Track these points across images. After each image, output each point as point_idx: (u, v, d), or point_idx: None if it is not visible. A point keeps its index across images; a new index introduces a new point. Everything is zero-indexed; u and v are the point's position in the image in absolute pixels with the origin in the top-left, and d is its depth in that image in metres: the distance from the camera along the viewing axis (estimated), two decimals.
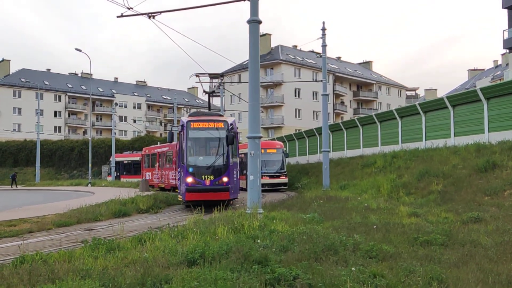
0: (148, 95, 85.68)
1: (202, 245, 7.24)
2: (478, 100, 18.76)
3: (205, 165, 16.68)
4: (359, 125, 28.08)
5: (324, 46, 23.03)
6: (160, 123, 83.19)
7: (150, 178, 32.82)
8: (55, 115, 74.84)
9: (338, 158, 29.10)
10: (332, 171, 24.47)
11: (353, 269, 5.81)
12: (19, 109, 70.98)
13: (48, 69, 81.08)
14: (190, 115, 18.32)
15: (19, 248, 7.35)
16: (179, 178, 17.82)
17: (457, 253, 6.91)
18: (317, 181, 25.74)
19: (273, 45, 63.65)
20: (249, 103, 12.18)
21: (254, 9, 12.00)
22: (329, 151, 24.03)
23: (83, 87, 77.75)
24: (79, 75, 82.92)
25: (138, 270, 6.00)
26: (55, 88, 74.56)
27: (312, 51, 64.98)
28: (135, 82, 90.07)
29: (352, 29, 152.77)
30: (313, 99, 60.62)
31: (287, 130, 52.04)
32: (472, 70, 74.10)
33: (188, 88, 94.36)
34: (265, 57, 57.41)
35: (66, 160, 59.78)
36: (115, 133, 51.42)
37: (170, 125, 58.26)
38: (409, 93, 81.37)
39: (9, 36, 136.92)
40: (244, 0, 12.13)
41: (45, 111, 71.13)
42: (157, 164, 31.66)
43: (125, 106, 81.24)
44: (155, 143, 44.54)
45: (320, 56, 24.70)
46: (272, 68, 59.19)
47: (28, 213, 15.64)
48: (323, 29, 22.77)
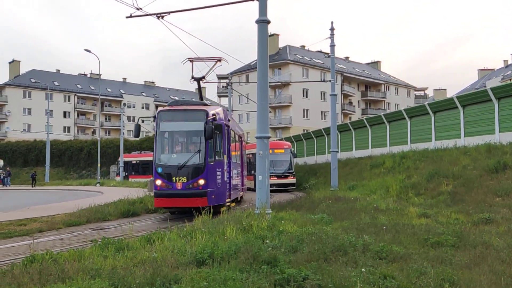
0: (157, 96, 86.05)
1: (211, 245, 7.23)
2: (489, 100, 18.56)
3: (177, 165, 13.71)
4: (368, 125, 27.93)
5: (333, 46, 22.95)
6: None
7: None
8: (64, 116, 75.47)
9: (347, 159, 28.98)
10: (341, 172, 24.37)
11: (363, 270, 5.77)
12: (29, 110, 71.69)
13: (58, 70, 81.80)
14: (168, 105, 15.21)
15: (29, 247, 7.39)
16: None
17: (469, 255, 6.83)
18: (325, 182, 25.64)
19: (281, 45, 63.64)
20: (258, 103, 12.16)
21: (263, 9, 11.97)
22: (338, 152, 23.93)
23: (92, 88, 78.31)
24: (88, 76, 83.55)
25: (147, 270, 6.00)
26: (65, 89, 75.20)
27: (320, 51, 64.82)
28: (144, 83, 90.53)
29: (361, 29, 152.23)
30: (321, 99, 60.47)
31: (295, 130, 51.96)
32: (482, 70, 73.50)
33: (196, 89, 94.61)
34: (273, 57, 57.40)
35: (75, 160, 60.23)
36: (124, 133, 51.70)
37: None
38: (418, 93, 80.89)
39: (20, 38, 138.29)
40: (253, 0, 12.11)
41: (55, 112, 71.77)
42: None
43: (134, 107, 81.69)
44: None
45: (329, 56, 24.63)
46: (280, 68, 59.14)
47: (38, 213, 15.76)
48: (332, 29, 22.69)
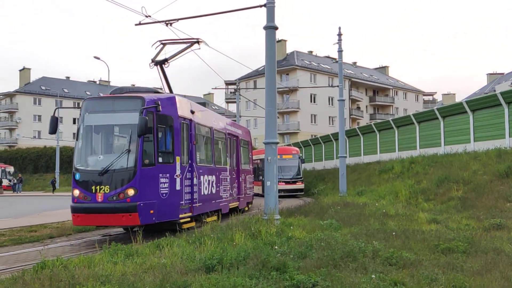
0: None
1: (220, 251, 7.24)
2: (498, 105, 18.41)
3: (97, 170, 10.33)
4: (376, 131, 27.82)
5: (340, 52, 22.93)
6: None
7: None
8: (74, 122, 76.05)
9: (355, 164, 28.85)
10: (349, 177, 24.27)
11: (373, 277, 5.74)
12: (39, 117, 72.38)
13: (67, 77, 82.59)
14: (110, 93, 12.01)
15: (40, 254, 7.45)
16: None
17: (480, 261, 6.76)
18: (334, 187, 25.54)
19: (289, 51, 63.76)
20: (266, 109, 12.18)
21: (270, 15, 12.03)
22: (346, 157, 23.83)
23: (101, 94, 78.92)
24: (97, 83, 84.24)
25: (157, 276, 6.02)
26: (74, 96, 75.85)
27: (328, 57, 64.81)
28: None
29: (369, 34, 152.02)
30: (329, 105, 60.38)
31: (303, 136, 51.91)
32: (491, 74, 72.92)
33: (204, 94, 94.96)
34: (281, 63, 57.50)
35: None
36: None
37: None
38: (427, 98, 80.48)
39: (30, 45, 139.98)
40: (261, 7, 12.17)
41: (64, 118, 72.40)
42: None
43: None
44: None
45: (336, 62, 24.62)
46: (288, 74, 59.21)
47: (48, 219, 15.87)
48: (339, 35, 22.69)
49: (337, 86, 23.74)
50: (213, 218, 13.52)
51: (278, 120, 55.27)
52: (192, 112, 12.40)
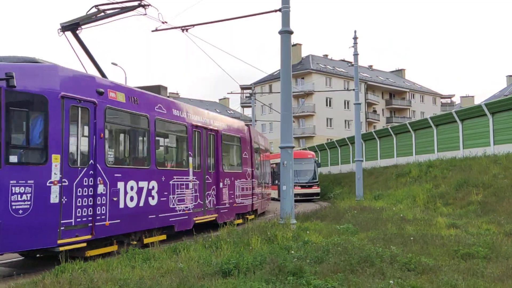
0: None
1: (236, 256, 7.24)
2: None
3: None
4: (393, 134, 27.57)
5: (356, 55, 22.86)
6: None
7: None
8: None
9: (371, 168, 28.62)
10: (366, 181, 24.07)
11: (391, 282, 5.67)
12: None
13: None
14: None
15: (60, 257, 7.55)
16: None
17: (501, 267, 6.63)
18: (350, 191, 25.36)
19: (304, 55, 63.70)
20: (281, 113, 12.18)
21: (286, 20, 12.05)
22: (362, 161, 23.66)
23: None
24: None
25: (174, 280, 6.06)
26: None
27: (343, 60, 64.54)
28: (168, 94, 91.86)
29: (384, 37, 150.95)
30: (345, 108, 60.07)
31: (319, 140, 51.72)
32: (511, 76, 71.61)
33: (220, 99, 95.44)
34: (296, 67, 57.48)
35: None
36: None
37: None
38: (444, 101, 79.47)
39: (48, 52, 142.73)
40: (276, 11, 12.21)
41: None
42: None
43: None
44: None
45: (352, 65, 24.54)
46: (303, 78, 59.15)
47: None
48: (355, 38, 22.63)
49: (353, 90, 23.63)
50: (158, 239, 10.38)
51: (294, 124, 55.20)
52: (100, 93, 8.86)
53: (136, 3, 10.50)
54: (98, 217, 8.57)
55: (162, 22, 12.48)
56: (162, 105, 11.05)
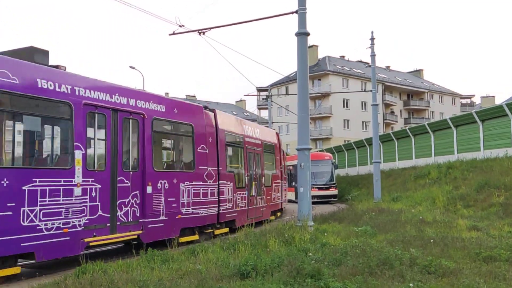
0: None
1: (254, 258, 7.26)
2: None
3: None
4: (411, 135, 27.26)
5: (373, 56, 22.69)
6: None
7: None
8: None
9: (390, 169, 28.34)
10: (384, 183, 23.84)
11: (411, 285, 5.62)
12: None
13: None
14: None
15: (80, 258, 7.68)
16: None
17: None
18: (368, 193, 25.15)
19: (321, 56, 63.48)
20: (298, 115, 12.17)
21: (302, 22, 12.05)
22: (380, 162, 23.45)
23: None
24: None
25: (192, 282, 6.11)
26: None
27: (360, 61, 64.06)
28: (185, 96, 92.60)
29: (402, 37, 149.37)
30: (362, 109, 59.63)
31: (336, 141, 51.42)
32: None
33: (236, 101, 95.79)
34: (313, 68, 57.32)
35: None
36: None
37: None
38: (464, 101, 78.15)
39: (66, 56, 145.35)
40: (292, 13, 12.22)
41: None
42: None
43: None
44: None
45: (369, 66, 24.35)
46: (320, 79, 58.96)
47: None
48: (372, 39, 22.47)
49: (370, 91, 23.46)
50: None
51: (311, 126, 54.97)
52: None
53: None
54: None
55: (179, 26, 12.62)
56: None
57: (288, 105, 51.46)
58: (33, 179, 7.64)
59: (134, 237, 9.76)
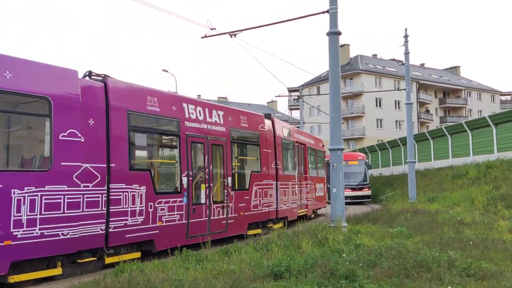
0: None
1: (287, 259, 7.26)
2: None
3: None
4: (447, 134, 26.52)
5: (407, 54, 22.25)
6: None
7: None
8: None
9: (425, 169, 27.68)
10: (419, 183, 23.31)
11: None
12: None
13: None
14: None
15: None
16: None
17: None
18: (403, 193, 24.65)
19: (352, 55, 62.70)
20: (330, 115, 12.08)
21: (334, 21, 11.95)
22: (415, 162, 22.94)
23: None
24: None
25: (226, 282, 6.17)
26: None
27: (393, 59, 62.94)
28: (217, 98, 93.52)
29: (437, 34, 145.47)
30: (395, 108, 58.48)
31: (368, 141, 50.65)
32: None
33: (268, 102, 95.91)
34: (344, 68, 56.70)
35: None
36: None
37: None
38: (504, 98, 75.32)
39: (102, 59, 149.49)
40: (324, 13, 12.13)
41: None
42: None
43: None
44: None
45: (403, 64, 23.94)
46: (352, 79, 58.27)
47: None
48: (405, 36, 22.05)
49: (404, 89, 23.00)
50: None
51: (343, 126, 54.34)
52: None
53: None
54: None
55: (211, 29, 12.78)
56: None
57: (320, 105, 51.12)
58: None
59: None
